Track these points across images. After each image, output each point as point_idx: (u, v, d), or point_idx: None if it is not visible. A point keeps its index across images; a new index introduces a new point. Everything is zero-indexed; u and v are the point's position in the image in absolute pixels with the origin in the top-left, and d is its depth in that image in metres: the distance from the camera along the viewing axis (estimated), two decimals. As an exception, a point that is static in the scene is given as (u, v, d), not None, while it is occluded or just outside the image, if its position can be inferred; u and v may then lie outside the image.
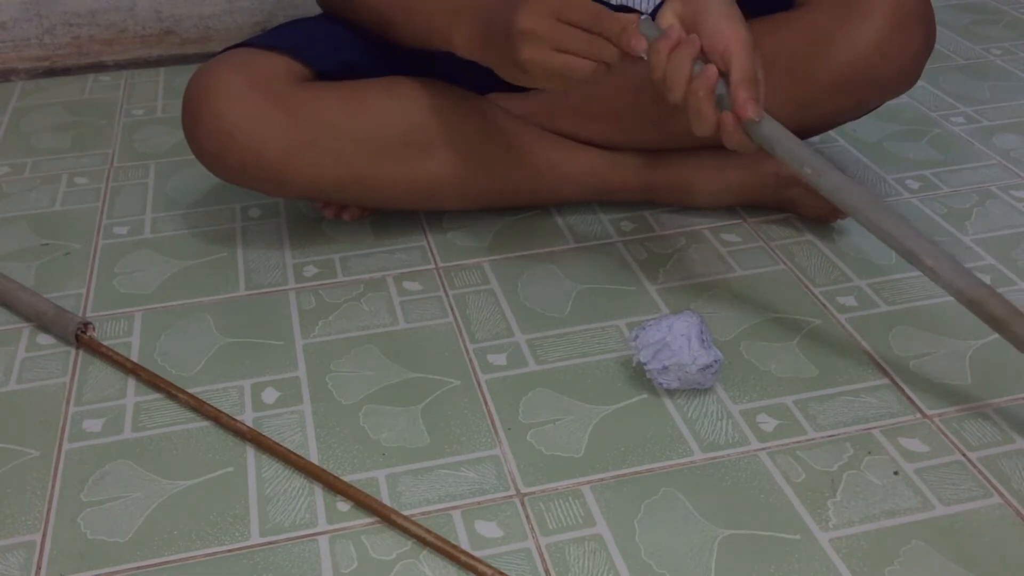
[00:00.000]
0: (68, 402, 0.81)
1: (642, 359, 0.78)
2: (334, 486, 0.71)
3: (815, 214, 1.00)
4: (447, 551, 0.66)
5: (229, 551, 0.68)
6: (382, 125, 0.92)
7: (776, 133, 0.76)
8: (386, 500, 0.71)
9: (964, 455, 0.74)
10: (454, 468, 0.74)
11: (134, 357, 0.86)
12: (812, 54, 0.90)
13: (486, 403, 0.80)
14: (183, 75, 1.36)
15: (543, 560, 0.66)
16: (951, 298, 0.90)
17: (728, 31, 0.75)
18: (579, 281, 0.94)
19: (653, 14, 1.00)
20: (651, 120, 0.98)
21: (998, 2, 1.58)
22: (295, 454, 0.74)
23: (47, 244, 1.03)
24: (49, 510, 0.72)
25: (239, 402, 0.81)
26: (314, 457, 0.75)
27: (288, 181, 0.91)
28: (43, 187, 1.13)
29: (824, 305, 0.90)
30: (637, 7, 1.00)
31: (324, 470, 0.72)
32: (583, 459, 0.74)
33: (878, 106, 0.97)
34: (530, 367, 0.84)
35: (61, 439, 0.78)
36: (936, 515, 0.69)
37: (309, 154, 0.90)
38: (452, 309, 0.91)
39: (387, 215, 1.04)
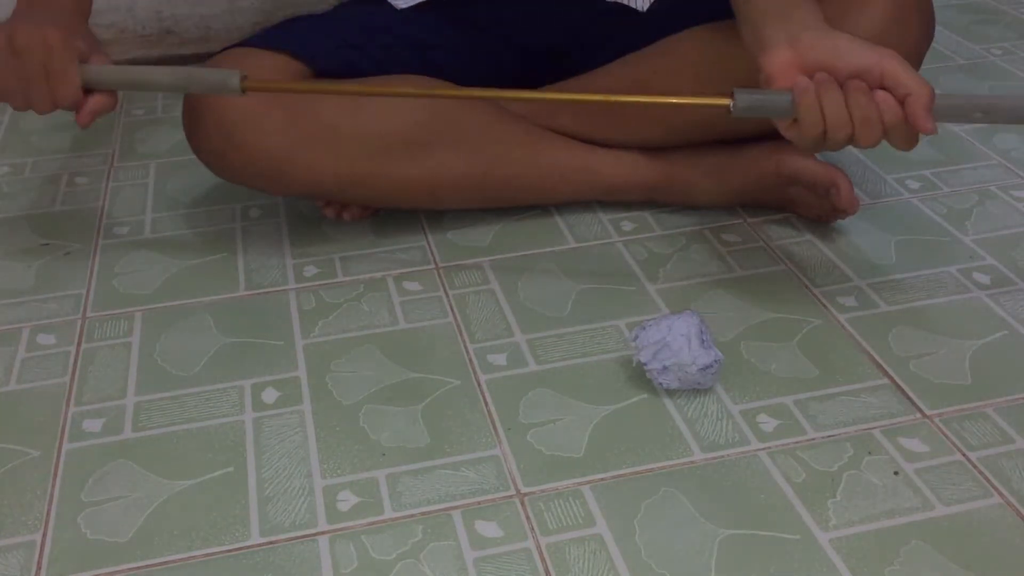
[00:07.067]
0: (68, 402, 0.81)
1: (642, 359, 0.78)
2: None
3: (815, 214, 1.00)
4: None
5: (229, 551, 0.68)
6: (382, 124, 0.92)
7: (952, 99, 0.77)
8: (386, 500, 0.71)
9: (964, 455, 0.74)
10: (454, 468, 0.74)
11: (134, 357, 0.86)
12: None
13: (486, 403, 0.80)
14: (183, 75, 1.36)
15: (543, 560, 0.66)
16: (951, 298, 0.90)
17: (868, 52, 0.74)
18: (579, 281, 0.94)
19: (650, 13, 1.00)
20: (652, 119, 0.98)
21: (998, 2, 1.58)
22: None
23: (47, 244, 1.03)
24: (49, 510, 0.71)
25: (239, 402, 0.81)
26: (314, 457, 0.75)
27: (289, 179, 0.91)
28: (43, 187, 1.14)
29: (824, 305, 0.90)
30: (634, 6, 1.01)
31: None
32: (583, 459, 0.74)
33: None
34: (530, 367, 0.83)
35: (61, 439, 0.78)
36: (936, 515, 0.69)
37: (309, 153, 0.90)
38: (452, 309, 0.91)
39: (387, 215, 1.04)
